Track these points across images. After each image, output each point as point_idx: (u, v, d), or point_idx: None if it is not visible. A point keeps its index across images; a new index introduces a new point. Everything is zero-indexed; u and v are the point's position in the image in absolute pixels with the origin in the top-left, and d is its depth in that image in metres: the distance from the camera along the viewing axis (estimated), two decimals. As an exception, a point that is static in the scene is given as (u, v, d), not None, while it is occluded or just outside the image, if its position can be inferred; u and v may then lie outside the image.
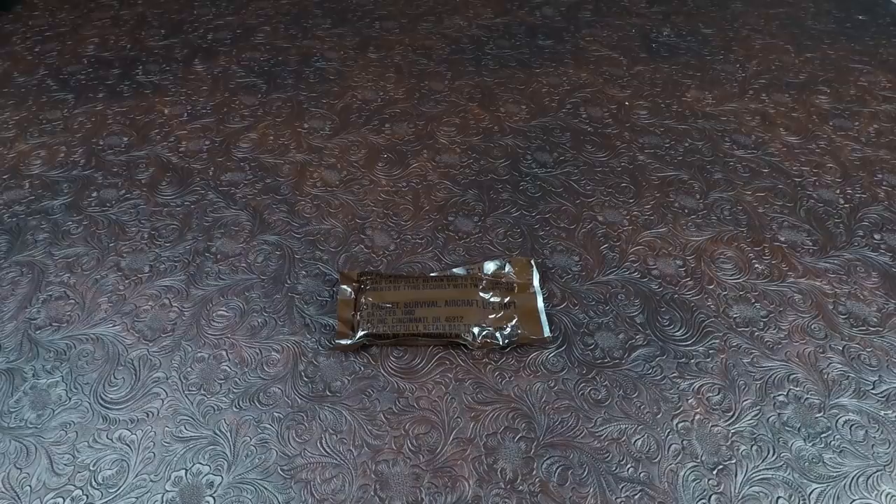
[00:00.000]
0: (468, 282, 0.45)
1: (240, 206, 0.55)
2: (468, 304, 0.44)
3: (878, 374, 0.43)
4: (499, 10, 0.83)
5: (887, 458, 0.39)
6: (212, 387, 0.42)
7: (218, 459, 0.38)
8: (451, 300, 0.44)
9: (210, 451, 0.39)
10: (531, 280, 0.46)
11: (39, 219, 0.54)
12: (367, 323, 0.43)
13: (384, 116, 0.65)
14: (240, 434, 0.39)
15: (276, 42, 0.76)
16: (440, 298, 0.44)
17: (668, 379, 0.43)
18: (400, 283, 0.45)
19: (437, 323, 0.43)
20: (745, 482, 0.38)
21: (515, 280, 0.45)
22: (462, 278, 0.45)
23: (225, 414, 0.40)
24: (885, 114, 0.66)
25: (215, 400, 0.41)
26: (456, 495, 0.37)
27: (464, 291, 0.44)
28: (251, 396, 0.41)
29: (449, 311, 0.43)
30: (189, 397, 0.42)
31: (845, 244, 0.52)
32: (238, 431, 0.39)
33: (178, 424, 0.40)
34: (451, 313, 0.43)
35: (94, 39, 0.77)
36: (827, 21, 0.82)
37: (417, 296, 0.44)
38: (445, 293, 0.44)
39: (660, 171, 0.59)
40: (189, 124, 0.64)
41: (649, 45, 0.76)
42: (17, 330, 0.45)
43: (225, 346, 0.44)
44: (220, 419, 0.40)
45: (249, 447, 0.39)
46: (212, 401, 0.41)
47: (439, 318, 0.43)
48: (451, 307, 0.43)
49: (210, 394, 0.42)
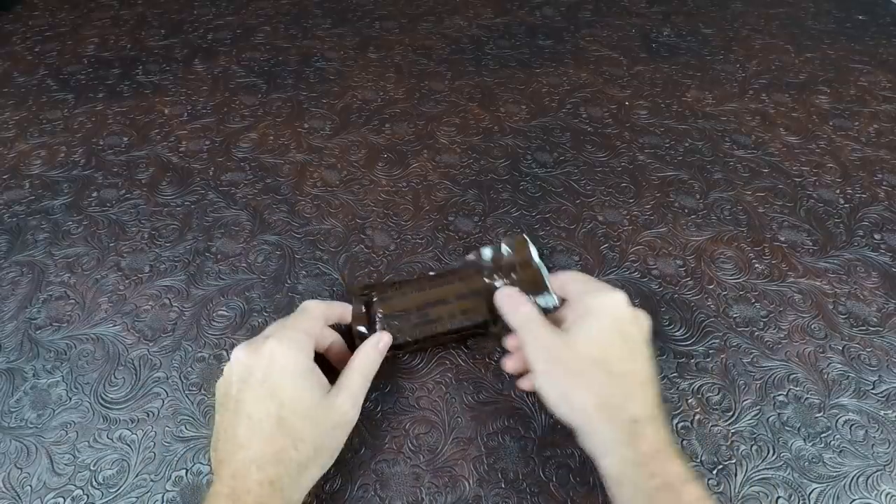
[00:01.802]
0: (471, 272, 0.44)
1: (240, 206, 0.55)
2: (478, 294, 0.43)
3: (878, 374, 0.43)
4: (499, 10, 0.83)
5: (887, 458, 0.39)
6: (212, 387, 0.42)
7: (218, 459, 0.38)
8: (460, 294, 0.43)
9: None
10: (530, 256, 0.44)
11: (39, 219, 0.54)
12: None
13: (384, 116, 0.65)
14: (240, 434, 0.39)
15: (276, 42, 0.76)
16: (449, 295, 0.43)
17: (667, 379, 0.43)
18: (405, 288, 0.43)
19: (453, 320, 0.42)
20: (745, 482, 0.38)
21: (515, 259, 0.44)
22: (464, 271, 0.44)
23: (234, 411, 0.40)
24: (885, 114, 0.66)
25: (216, 400, 0.41)
26: (456, 495, 0.37)
27: (470, 283, 0.43)
28: (251, 396, 0.41)
29: (462, 305, 0.42)
30: (189, 397, 0.42)
31: (845, 244, 0.52)
32: (238, 431, 0.39)
33: (179, 424, 0.40)
34: (464, 306, 0.42)
35: (94, 39, 0.77)
36: (827, 21, 0.82)
37: (426, 297, 0.43)
38: (453, 288, 0.43)
39: (660, 171, 0.59)
40: (189, 124, 0.64)
41: (649, 45, 0.76)
42: (17, 330, 0.45)
43: (225, 346, 0.44)
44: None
45: (250, 447, 0.39)
46: (212, 401, 0.41)
47: (454, 314, 0.42)
48: (463, 300, 0.42)
49: (211, 394, 0.42)
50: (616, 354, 0.34)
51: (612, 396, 0.33)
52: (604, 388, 0.33)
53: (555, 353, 0.35)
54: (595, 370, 0.34)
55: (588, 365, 0.34)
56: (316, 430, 0.33)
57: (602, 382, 0.33)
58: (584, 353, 0.34)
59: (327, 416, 0.34)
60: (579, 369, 0.34)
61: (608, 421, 0.32)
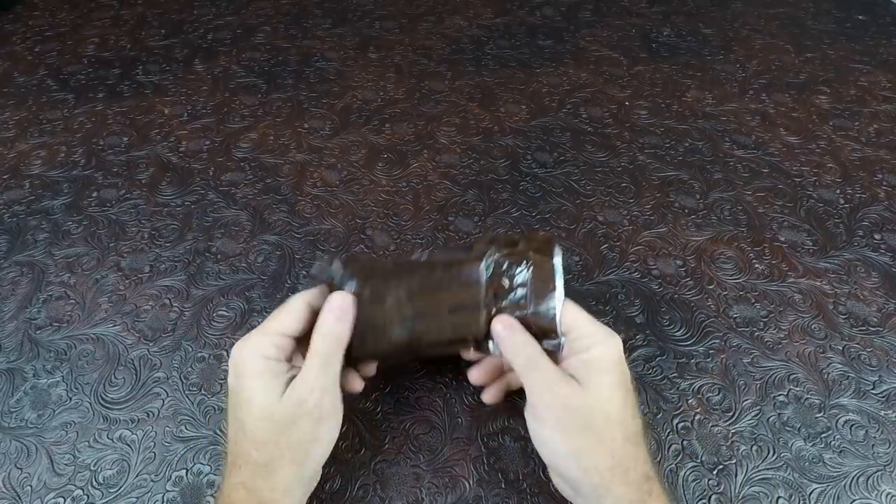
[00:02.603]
0: (471, 281, 0.36)
1: (240, 206, 0.55)
2: (473, 309, 0.36)
3: (878, 374, 0.43)
4: (499, 10, 0.83)
5: (887, 459, 0.39)
6: (212, 387, 0.42)
7: (219, 459, 0.38)
8: (454, 307, 0.36)
9: (211, 451, 0.39)
10: (552, 292, 0.35)
11: (39, 219, 0.54)
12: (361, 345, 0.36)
13: (384, 116, 0.65)
14: (240, 434, 0.39)
15: (276, 42, 0.76)
16: (441, 306, 0.36)
17: (667, 379, 0.43)
18: (389, 286, 0.36)
19: (440, 343, 0.36)
20: (745, 482, 0.38)
21: (532, 287, 0.35)
22: (464, 276, 0.36)
23: (226, 414, 0.40)
24: (885, 114, 0.66)
25: (216, 400, 0.41)
26: (456, 495, 0.37)
27: (468, 294, 0.36)
28: (251, 396, 0.41)
29: (453, 320, 0.36)
30: (190, 397, 0.42)
31: (845, 244, 0.52)
32: (238, 431, 0.39)
33: (179, 424, 0.40)
34: (455, 322, 0.36)
35: (94, 39, 0.77)
36: (827, 21, 0.82)
37: (414, 307, 0.36)
38: (448, 296, 0.36)
39: (660, 171, 0.59)
40: (189, 124, 0.64)
41: (649, 45, 0.76)
42: (17, 330, 0.45)
43: (226, 346, 0.44)
44: (221, 419, 0.40)
45: (250, 447, 0.39)
46: (212, 401, 0.41)
47: (444, 329, 0.36)
48: (455, 314, 0.36)
49: (211, 394, 0.42)
50: (629, 413, 0.33)
51: (625, 457, 0.31)
52: (618, 448, 0.31)
53: (571, 407, 0.32)
54: (613, 430, 0.32)
55: (605, 424, 0.32)
56: (274, 429, 0.32)
57: (618, 443, 0.32)
58: (600, 411, 0.32)
59: (285, 412, 0.32)
60: (597, 428, 0.31)
61: (624, 483, 0.31)
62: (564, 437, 0.32)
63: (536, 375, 0.33)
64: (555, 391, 0.32)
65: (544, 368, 0.33)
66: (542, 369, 0.33)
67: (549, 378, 0.33)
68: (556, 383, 0.32)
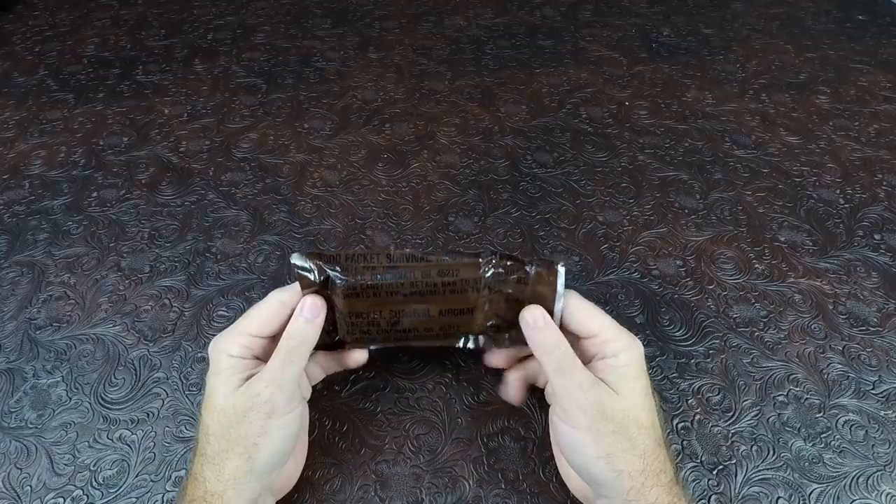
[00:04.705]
0: (466, 283, 0.36)
1: (240, 206, 0.55)
2: (466, 313, 0.36)
3: (878, 374, 0.43)
4: (499, 10, 0.83)
5: (887, 459, 0.39)
6: (212, 387, 0.42)
7: (218, 459, 0.38)
8: (444, 310, 0.36)
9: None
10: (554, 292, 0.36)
11: (39, 219, 0.54)
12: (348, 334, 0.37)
13: (384, 116, 0.65)
14: (240, 434, 0.39)
15: (276, 42, 0.76)
16: (431, 307, 0.36)
17: (667, 379, 0.43)
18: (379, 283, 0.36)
19: (428, 336, 0.37)
20: (745, 482, 0.38)
21: (531, 292, 0.36)
22: (460, 279, 0.36)
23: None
24: (885, 114, 0.66)
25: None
26: (456, 496, 0.37)
27: (460, 299, 0.36)
28: (251, 396, 0.41)
29: (442, 321, 0.37)
30: (190, 397, 0.42)
31: (845, 244, 0.52)
32: (238, 431, 0.39)
33: (179, 424, 0.40)
34: (444, 323, 0.37)
35: (94, 39, 0.77)
36: (827, 21, 0.82)
37: (405, 304, 0.36)
38: (440, 300, 0.36)
39: (660, 171, 0.59)
40: (189, 124, 0.64)
41: (649, 45, 0.76)
42: (17, 330, 0.45)
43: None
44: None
45: (250, 447, 0.39)
46: (212, 401, 0.41)
47: (431, 329, 0.37)
48: (445, 317, 0.36)
49: (210, 394, 0.42)
50: (660, 419, 0.33)
51: (655, 461, 0.32)
52: (650, 452, 0.32)
53: (606, 412, 0.32)
54: (644, 435, 0.32)
55: (637, 430, 0.32)
56: (224, 422, 0.32)
57: (650, 447, 0.32)
58: (634, 417, 0.32)
59: (238, 405, 0.32)
60: (629, 433, 0.32)
61: (657, 485, 0.31)
62: (597, 440, 0.32)
63: (569, 377, 0.33)
64: (589, 395, 0.32)
65: (578, 370, 0.33)
66: (575, 371, 0.33)
67: (583, 382, 0.33)
68: (591, 387, 0.32)
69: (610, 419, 0.32)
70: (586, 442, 0.32)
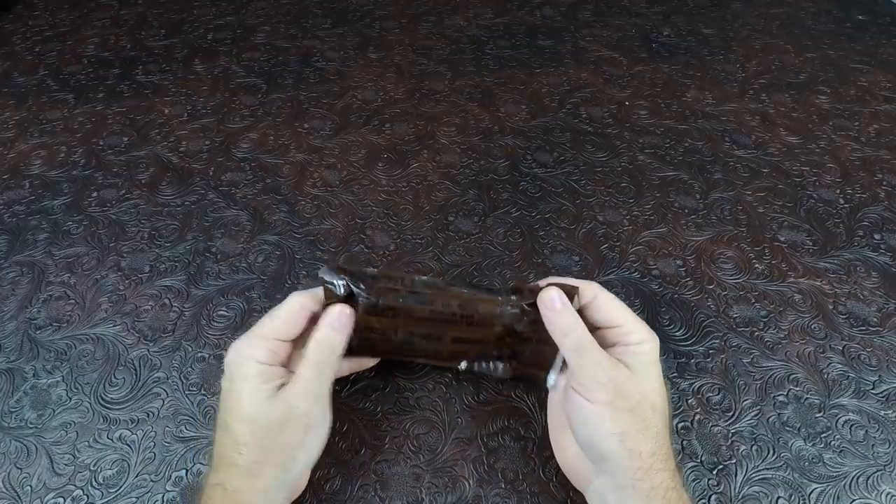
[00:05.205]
0: (488, 317, 0.37)
1: (240, 206, 0.55)
2: (480, 343, 0.38)
3: (878, 374, 0.43)
4: (499, 10, 0.83)
5: (887, 458, 0.39)
6: (212, 387, 0.42)
7: (218, 459, 0.38)
8: (458, 338, 0.37)
9: (211, 451, 0.39)
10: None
11: (39, 219, 0.54)
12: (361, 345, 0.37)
13: (384, 116, 0.65)
14: (240, 434, 0.39)
15: (276, 42, 0.76)
16: (446, 334, 0.37)
17: (667, 379, 0.43)
18: (401, 303, 0.36)
19: (437, 356, 0.38)
20: (745, 482, 0.38)
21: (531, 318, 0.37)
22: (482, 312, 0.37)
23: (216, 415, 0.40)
24: (885, 114, 0.66)
25: (216, 400, 0.41)
26: (456, 495, 0.37)
27: (480, 330, 0.37)
28: (251, 396, 0.41)
29: (453, 348, 0.38)
30: (190, 397, 0.42)
31: (845, 244, 0.52)
32: (238, 431, 0.39)
33: (179, 424, 0.40)
34: (454, 350, 0.38)
35: (94, 39, 0.77)
36: (827, 21, 0.82)
37: (421, 328, 0.37)
38: (456, 330, 0.37)
39: (660, 171, 0.59)
40: (189, 124, 0.64)
41: (649, 45, 0.76)
42: (17, 330, 0.45)
43: (225, 347, 0.44)
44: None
45: (250, 447, 0.39)
46: (212, 401, 0.41)
47: (440, 352, 0.38)
48: (458, 343, 0.38)
49: (211, 394, 0.42)
50: (669, 408, 0.34)
51: (663, 446, 0.32)
52: (660, 436, 0.33)
53: (624, 390, 0.33)
54: (657, 419, 0.33)
55: (651, 412, 0.33)
56: (259, 433, 0.32)
57: (661, 431, 0.33)
58: (649, 400, 0.33)
59: (272, 416, 0.32)
60: (644, 414, 0.32)
61: (665, 469, 0.32)
62: (614, 415, 0.32)
63: (588, 356, 0.34)
64: (609, 373, 0.33)
65: (596, 350, 0.34)
66: (594, 351, 0.34)
67: (601, 360, 0.33)
68: (611, 366, 0.33)
69: (628, 398, 0.33)
70: (603, 416, 0.32)
